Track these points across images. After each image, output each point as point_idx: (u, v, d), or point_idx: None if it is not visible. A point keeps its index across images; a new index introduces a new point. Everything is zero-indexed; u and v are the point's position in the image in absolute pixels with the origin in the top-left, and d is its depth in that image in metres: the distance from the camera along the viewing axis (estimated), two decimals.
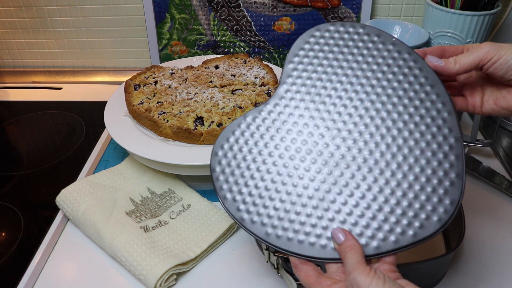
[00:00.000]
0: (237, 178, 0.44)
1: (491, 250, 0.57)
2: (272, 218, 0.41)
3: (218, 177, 0.44)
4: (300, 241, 0.40)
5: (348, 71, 0.46)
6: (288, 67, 0.47)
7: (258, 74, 0.73)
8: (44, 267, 0.56)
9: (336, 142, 0.43)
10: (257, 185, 0.43)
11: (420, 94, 0.43)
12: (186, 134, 0.62)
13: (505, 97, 0.44)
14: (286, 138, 0.44)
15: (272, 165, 0.43)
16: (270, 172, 0.43)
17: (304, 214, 0.41)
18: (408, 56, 0.45)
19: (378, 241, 0.39)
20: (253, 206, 0.42)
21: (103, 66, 1.02)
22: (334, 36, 0.47)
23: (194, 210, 0.62)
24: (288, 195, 0.42)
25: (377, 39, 0.46)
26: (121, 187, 0.65)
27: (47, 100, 0.92)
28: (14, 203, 0.66)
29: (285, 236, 0.41)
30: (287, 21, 0.89)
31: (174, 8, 0.90)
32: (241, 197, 0.43)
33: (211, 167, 0.45)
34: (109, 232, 0.56)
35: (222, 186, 0.44)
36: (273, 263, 0.53)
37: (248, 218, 0.42)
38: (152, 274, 0.51)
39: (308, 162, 0.43)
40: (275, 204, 0.42)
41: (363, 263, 0.37)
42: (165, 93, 0.69)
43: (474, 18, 0.71)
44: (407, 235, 0.39)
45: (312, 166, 0.43)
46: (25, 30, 0.98)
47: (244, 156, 0.44)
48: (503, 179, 0.67)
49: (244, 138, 0.45)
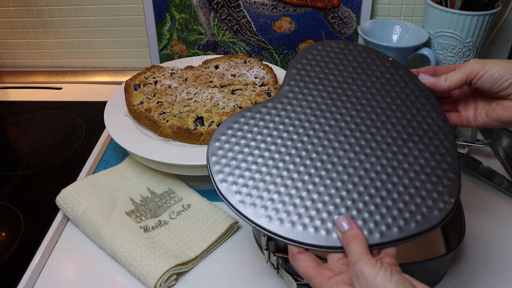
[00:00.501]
0: (239, 164, 0.43)
1: (491, 250, 0.57)
2: (275, 202, 0.41)
3: (216, 161, 0.43)
4: (304, 226, 0.39)
5: (349, 80, 0.48)
6: (291, 71, 0.49)
7: (258, 74, 0.73)
8: (44, 267, 0.56)
9: (339, 139, 0.44)
10: (260, 170, 0.42)
11: (416, 104, 0.47)
12: (186, 134, 0.62)
13: (495, 109, 0.47)
14: (290, 131, 0.45)
15: (276, 153, 0.43)
16: (274, 159, 0.43)
17: (309, 200, 0.41)
18: (404, 73, 0.49)
19: (382, 230, 0.39)
20: (255, 190, 0.41)
21: (103, 66, 1.02)
22: (335, 51, 0.51)
23: (194, 210, 0.62)
24: (292, 181, 0.42)
25: (375, 57, 0.50)
26: (121, 187, 0.65)
27: (47, 100, 0.92)
28: (14, 203, 0.66)
29: (288, 220, 0.40)
30: (287, 21, 0.89)
31: (174, 8, 0.90)
32: (242, 181, 0.42)
33: (209, 153, 0.44)
34: (109, 232, 0.56)
35: (222, 169, 0.43)
36: (273, 263, 0.53)
37: (249, 201, 0.41)
38: (152, 274, 0.51)
39: (312, 154, 0.43)
40: (278, 189, 0.41)
41: (368, 253, 0.36)
42: (165, 93, 0.69)
43: (474, 18, 0.71)
44: (411, 225, 0.39)
45: (316, 157, 0.43)
46: (25, 30, 0.98)
47: (247, 145, 0.44)
48: (503, 179, 0.67)
49: (245, 131, 0.45)
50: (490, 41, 0.86)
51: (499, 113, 0.47)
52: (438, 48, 0.77)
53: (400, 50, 0.75)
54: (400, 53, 0.75)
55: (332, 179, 0.42)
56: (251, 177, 0.42)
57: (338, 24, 0.89)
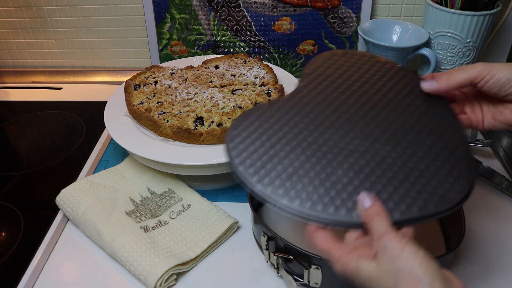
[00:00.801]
0: (256, 148, 0.43)
1: (491, 250, 0.57)
2: (294, 184, 0.41)
3: (234, 147, 0.44)
4: (325, 205, 0.39)
5: (362, 79, 0.51)
6: (305, 72, 0.52)
7: (258, 74, 0.73)
8: (44, 267, 0.56)
9: (355, 129, 0.45)
10: (278, 155, 0.43)
11: (429, 101, 0.48)
12: (186, 134, 0.62)
13: (502, 112, 0.47)
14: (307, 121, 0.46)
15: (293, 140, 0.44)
16: (292, 145, 0.43)
17: (328, 181, 0.41)
18: (413, 75, 0.51)
19: (401, 209, 0.39)
20: (273, 172, 0.41)
21: (103, 66, 1.02)
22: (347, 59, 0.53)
23: (194, 210, 0.62)
24: (310, 165, 0.42)
25: (384, 61, 0.53)
26: (121, 187, 0.65)
27: (47, 100, 0.92)
28: (14, 203, 0.66)
29: (308, 199, 0.40)
30: (287, 21, 0.89)
31: (174, 8, 0.90)
32: (260, 163, 0.42)
33: (228, 139, 0.44)
34: (109, 232, 0.56)
35: (240, 154, 0.43)
36: (273, 263, 0.53)
37: (268, 181, 0.41)
38: (152, 274, 0.51)
39: (329, 141, 0.44)
40: (296, 172, 0.41)
41: (393, 229, 0.36)
42: (165, 93, 0.69)
43: (474, 18, 0.71)
44: (429, 206, 0.40)
45: (333, 144, 0.44)
46: (25, 30, 0.98)
47: (264, 132, 0.45)
48: (503, 179, 0.67)
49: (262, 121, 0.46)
50: (490, 41, 0.86)
51: (506, 116, 0.46)
52: (438, 48, 0.77)
53: (400, 50, 0.75)
54: (400, 53, 0.75)
55: (350, 164, 0.42)
56: (269, 160, 0.42)
57: (338, 24, 0.89)
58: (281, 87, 0.70)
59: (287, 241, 0.50)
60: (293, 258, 0.50)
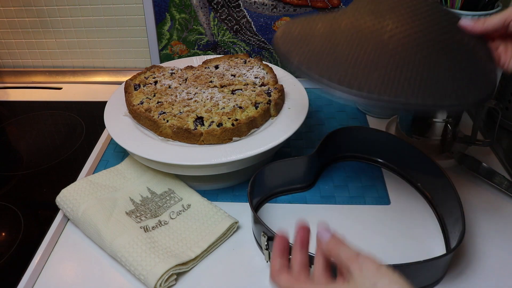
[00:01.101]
0: (299, 39, 0.50)
1: (491, 250, 0.57)
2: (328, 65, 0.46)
3: (280, 38, 0.50)
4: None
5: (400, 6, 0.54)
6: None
7: (258, 74, 0.73)
8: (44, 267, 0.56)
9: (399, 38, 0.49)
10: (317, 42, 0.49)
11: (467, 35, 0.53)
12: (186, 134, 0.62)
13: None
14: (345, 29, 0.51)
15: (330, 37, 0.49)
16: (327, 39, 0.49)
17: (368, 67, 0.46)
18: (448, 10, 0.55)
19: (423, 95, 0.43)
20: (311, 53, 0.47)
21: (103, 66, 1.02)
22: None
23: (194, 210, 0.62)
24: (343, 54, 0.47)
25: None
26: (121, 187, 0.65)
27: (47, 100, 0.92)
28: (14, 203, 0.66)
29: (337, 77, 0.45)
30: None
31: (174, 8, 0.90)
32: (298, 48, 0.48)
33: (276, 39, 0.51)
34: (109, 232, 0.56)
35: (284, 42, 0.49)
36: None
37: (307, 61, 0.46)
38: (152, 274, 0.51)
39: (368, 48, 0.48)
40: (331, 55, 0.47)
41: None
42: (165, 93, 0.69)
43: (474, 18, 0.71)
44: (449, 98, 0.44)
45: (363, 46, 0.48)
46: (25, 30, 0.98)
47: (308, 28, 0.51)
48: (503, 179, 0.67)
49: (306, 22, 0.52)
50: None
51: None
52: None
53: None
54: None
55: (378, 60, 0.46)
56: (308, 45, 0.48)
57: None
58: (281, 87, 0.70)
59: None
60: None
